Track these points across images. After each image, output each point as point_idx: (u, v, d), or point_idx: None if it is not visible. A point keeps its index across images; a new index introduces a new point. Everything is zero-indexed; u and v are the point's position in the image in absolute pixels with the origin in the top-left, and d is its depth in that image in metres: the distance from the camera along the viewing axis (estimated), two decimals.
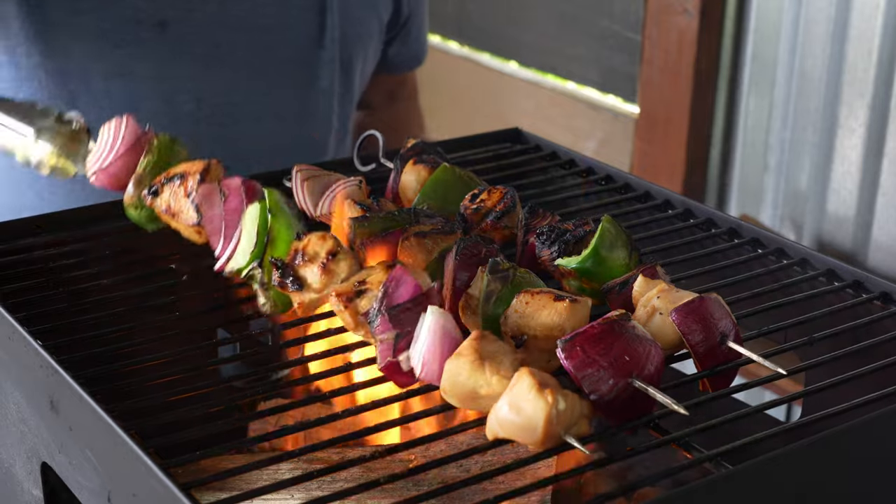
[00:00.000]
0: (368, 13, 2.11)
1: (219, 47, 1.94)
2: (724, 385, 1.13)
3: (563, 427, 0.99)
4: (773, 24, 2.52)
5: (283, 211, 1.31)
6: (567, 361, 1.02)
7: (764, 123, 2.58)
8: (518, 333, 1.11)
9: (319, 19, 2.01)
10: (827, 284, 1.34)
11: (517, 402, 0.98)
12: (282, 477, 1.22)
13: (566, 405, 0.98)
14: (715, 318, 1.11)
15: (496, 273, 1.16)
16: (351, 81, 2.10)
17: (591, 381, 1.02)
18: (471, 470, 1.23)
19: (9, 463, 1.32)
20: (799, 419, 1.10)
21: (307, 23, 2.00)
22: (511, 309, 1.13)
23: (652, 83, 2.75)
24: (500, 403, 1.00)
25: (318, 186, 1.49)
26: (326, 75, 2.04)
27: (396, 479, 1.00)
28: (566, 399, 0.99)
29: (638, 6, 2.76)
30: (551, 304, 1.11)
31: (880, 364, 1.15)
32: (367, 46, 2.12)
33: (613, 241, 1.24)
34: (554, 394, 0.98)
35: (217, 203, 1.34)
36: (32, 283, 1.36)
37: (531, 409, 0.98)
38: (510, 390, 1.00)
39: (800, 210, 2.53)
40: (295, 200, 1.52)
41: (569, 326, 1.09)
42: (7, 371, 1.27)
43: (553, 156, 1.71)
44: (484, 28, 3.31)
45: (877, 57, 2.30)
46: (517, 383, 0.99)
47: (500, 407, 1.00)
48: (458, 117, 3.38)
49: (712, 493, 0.99)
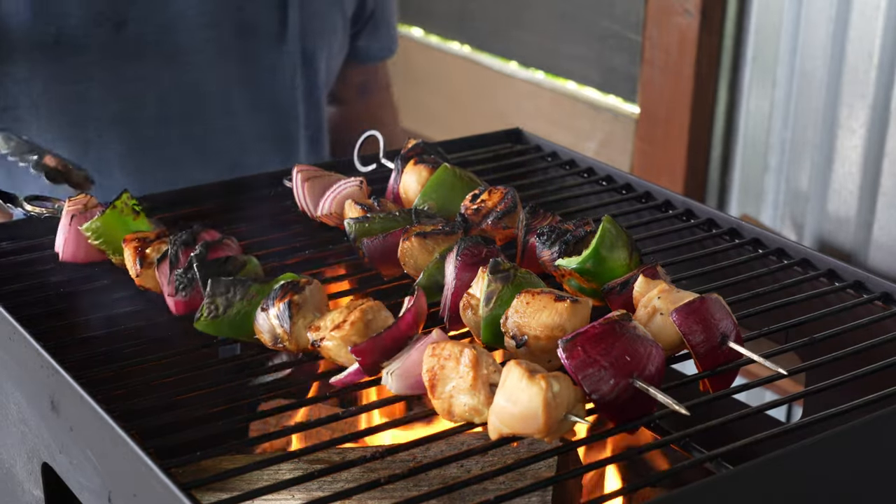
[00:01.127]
0: (331, 8, 2.10)
1: (179, 46, 1.93)
2: (725, 385, 1.13)
3: (562, 408, 0.99)
4: (774, 24, 2.52)
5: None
6: (568, 361, 1.02)
7: (765, 124, 2.58)
8: (518, 334, 1.11)
9: (280, 15, 2.01)
10: (828, 285, 1.33)
11: (512, 395, 0.99)
12: (282, 477, 1.22)
13: (560, 386, 0.98)
14: (716, 319, 1.10)
15: (497, 273, 1.16)
16: (315, 76, 2.10)
17: (592, 381, 1.02)
18: (471, 470, 1.23)
19: (9, 463, 1.32)
20: (800, 420, 1.10)
21: (268, 18, 2.00)
22: (512, 309, 1.13)
23: (652, 83, 2.75)
24: (496, 400, 1.00)
25: (318, 187, 1.49)
26: (289, 70, 2.04)
27: (397, 480, 1.00)
28: (559, 381, 0.99)
29: (638, 6, 2.76)
30: (552, 304, 1.11)
31: (881, 364, 1.15)
32: (330, 41, 2.12)
33: (614, 242, 1.24)
34: (546, 378, 0.98)
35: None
36: (33, 284, 1.36)
37: (527, 397, 0.98)
38: (502, 385, 1.00)
39: (800, 210, 2.53)
40: (295, 200, 1.52)
41: (569, 327, 1.09)
42: (8, 371, 1.27)
43: (554, 156, 1.71)
44: (484, 28, 3.30)
45: (878, 57, 2.30)
46: (507, 377, 1.00)
47: (497, 404, 1.00)
48: (458, 118, 3.38)
49: (713, 493, 0.99)
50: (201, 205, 1.57)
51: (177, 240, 1.29)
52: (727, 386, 1.13)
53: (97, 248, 1.35)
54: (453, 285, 1.21)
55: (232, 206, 1.57)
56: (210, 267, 1.24)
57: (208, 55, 1.97)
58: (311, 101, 2.12)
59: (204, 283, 1.22)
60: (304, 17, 2.04)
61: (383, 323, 1.14)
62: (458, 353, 1.04)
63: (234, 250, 1.30)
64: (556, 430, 1.00)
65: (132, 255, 1.30)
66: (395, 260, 1.31)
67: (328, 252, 1.43)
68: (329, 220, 1.47)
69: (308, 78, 2.08)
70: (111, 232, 1.35)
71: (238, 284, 1.20)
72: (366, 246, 1.33)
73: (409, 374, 1.09)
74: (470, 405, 1.03)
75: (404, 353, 1.11)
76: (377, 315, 1.15)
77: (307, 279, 1.20)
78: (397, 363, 1.10)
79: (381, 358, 1.11)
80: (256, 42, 2.01)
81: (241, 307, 1.20)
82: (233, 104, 2.01)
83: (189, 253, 1.27)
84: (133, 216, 1.36)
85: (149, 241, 1.31)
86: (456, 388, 1.04)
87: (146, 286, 1.30)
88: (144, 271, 1.29)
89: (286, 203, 1.55)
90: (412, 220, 1.35)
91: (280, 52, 2.03)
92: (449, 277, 1.23)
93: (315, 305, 1.19)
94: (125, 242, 1.31)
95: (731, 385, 1.14)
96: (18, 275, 1.38)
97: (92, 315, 1.30)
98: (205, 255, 1.25)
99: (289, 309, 1.16)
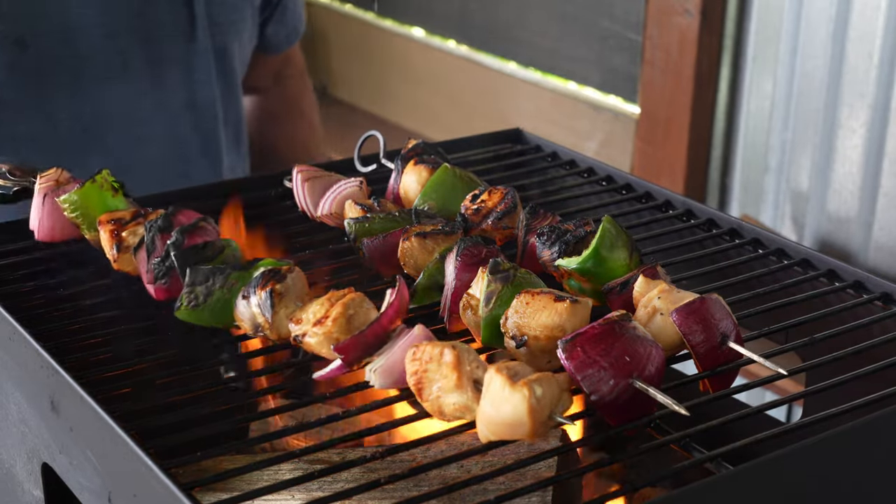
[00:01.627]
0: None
1: (83, 58, 1.91)
2: (725, 385, 1.13)
3: (547, 410, 0.99)
4: (774, 24, 2.52)
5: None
6: (568, 362, 1.02)
7: (765, 124, 2.58)
8: (518, 334, 1.11)
9: (187, 11, 2.00)
10: (828, 285, 1.33)
11: (496, 404, 0.98)
12: (283, 477, 1.22)
13: (543, 389, 0.98)
14: (716, 319, 1.10)
15: (497, 273, 1.16)
16: (230, 69, 2.09)
17: (592, 382, 1.02)
18: (471, 470, 1.23)
19: (9, 463, 1.32)
20: (800, 420, 1.10)
21: (176, 17, 1.99)
22: (511, 309, 1.12)
23: (653, 83, 2.75)
24: (482, 408, 1.00)
25: (318, 187, 1.49)
26: (203, 66, 2.03)
27: (397, 480, 1.00)
28: (541, 384, 0.98)
29: (639, 7, 2.76)
30: (552, 304, 1.10)
31: (881, 364, 1.15)
32: (241, 32, 2.11)
33: (614, 242, 1.24)
34: (528, 384, 0.97)
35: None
36: (33, 284, 1.36)
37: (511, 406, 0.97)
38: (486, 394, 1.00)
39: (801, 210, 2.53)
40: (295, 200, 1.52)
41: (569, 327, 1.09)
42: (8, 372, 1.27)
43: (554, 156, 1.71)
44: (484, 28, 3.30)
45: (878, 57, 2.30)
46: (489, 385, 0.99)
47: (484, 412, 1.00)
48: (458, 118, 3.38)
49: (713, 493, 0.99)
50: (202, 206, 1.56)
51: (152, 225, 1.25)
52: (727, 386, 1.13)
53: (72, 220, 1.33)
54: (453, 285, 1.21)
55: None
56: (187, 254, 1.21)
57: (114, 65, 1.94)
58: (229, 96, 2.11)
59: (182, 272, 1.19)
60: (211, 11, 2.02)
61: (365, 316, 1.13)
62: (438, 354, 1.04)
63: (211, 234, 1.26)
64: (545, 429, 1.00)
65: (108, 238, 1.27)
66: (395, 260, 1.31)
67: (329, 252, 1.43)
68: (329, 221, 1.47)
69: (222, 72, 2.07)
70: (88, 205, 1.32)
71: (218, 273, 1.18)
72: (366, 246, 1.33)
73: (392, 371, 1.09)
74: (459, 403, 1.03)
75: (387, 348, 1.10)
76: (359, 309, 1.14)
77: (288, 266, 1.19)
78: (380, 360, 1.10)
79: (363, 354, 1.10)
80: (164, 44, 1.99)
81: (221, 295, 1.18)
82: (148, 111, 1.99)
83: (166, 239, 1.24)
84: (112, 192, 1.33)
85: (124, 223, 1.28)
86: (442, 388, 1.04)
87: (124, 270, 1.28)
88: (122, 256, 1.26)
89: (286, 203, 1.56)
90: (412, 221, 1.35)
91: (192, 51, 2.01)
92: (449, 277, 1.23)
93: (297, 294, 1.17)
94: (100, 224, 1.28)
95: (731, 385, 1.14)
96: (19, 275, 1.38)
97: (93, 316, 1.30)
98: (181, 242, 1.22)
99: (270, 298, 1.15)
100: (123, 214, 1.29)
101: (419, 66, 3.48)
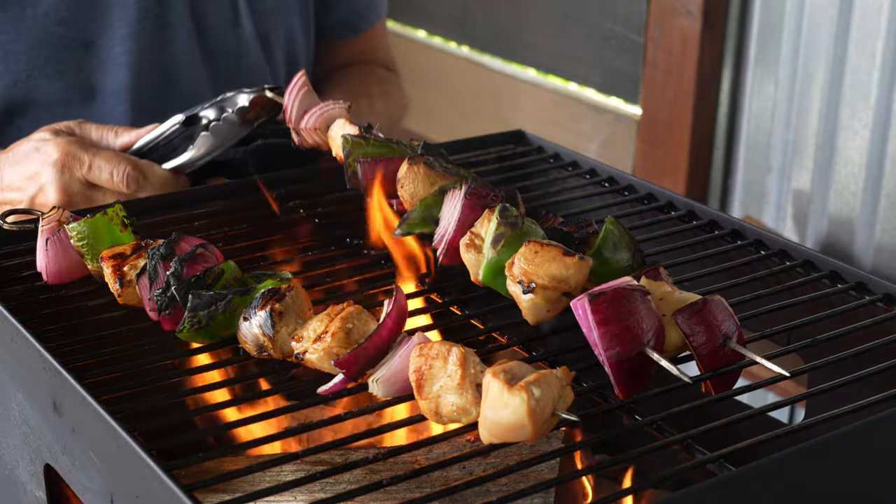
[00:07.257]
0: None
1: (143, 53, 1.94)
2: (727, 387, 1.13)
3: (549, 409, 0.99)
4: (776, 25, 2.52)
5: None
6: (593, 315, 1.04)
7: (767, 125, 2.58)
8: (526, 280, 1.13)
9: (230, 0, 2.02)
10: (830, 286, 1.33)
11: (496, 409, 0.98)
12: (285, 479, 1.22)
13: (542, 390, 0.98)
14: (718, 320, 1.10)
15: (506, 217, 1.18)
16: (271, 55, 2.10)
17: (612, 338, 1.04)
18: (474, 472, 1.23)
19: (12, 465, 1.32)
20: (802, 421, 1.10)
21: (220, 6, 2.01)
22: (519, 255, 1.15)
23: (655, 85, 2.75)
24: (483, 413, 1.00)
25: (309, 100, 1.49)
26: (252, 50, 2.05)
27: (400, 481, 1.00)
28: (539, 384, 0.98)
29: (641, 8, 2.76)
30: (561, 257, 1.13)
31: (884, 366, 1.15)
32: (286, 19, 2.11)
33: (617, 243, 1.24)
34: (526, 387, 0.97)
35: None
36: (34, 285, 1.36)
37: (511, 411, 0.98)
38: (485, 399, 1.00)
39: (803, 211, 2.53)
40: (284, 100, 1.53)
41: (573, 281, 1.12)
42: (10, 372, 1.27)
43: (556, 157, 1.71)
44: (486, 29, 3.31)
45: (880, 58, 2.30)
46: (488, 391, 0.99)
47: (485, 416, 1.00)
48: (460, 119, 3.38)
49: (715, 495, 0.99)
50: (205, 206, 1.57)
51: (154, 253, 1.26)
52: (729, 387, 1.13)
53: (77, 249, 1.33)
54: (456, 221, 1.22)
55: (234, 207, 1.57)
56: (188, 286, 1.22)
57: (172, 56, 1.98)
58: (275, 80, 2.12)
59: (184, 302, 1.20)
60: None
61: (364, 328, 1.14)
62: (445, 352, 1.04)
63: (210, 260, 1.26)
64: (548, 427, 1.00)
65: (111, 274, 1.28)
66: (390, 182, 1.30)
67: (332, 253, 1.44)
68: (308, 136, 1.44)
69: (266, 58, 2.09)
70: (96, 237, 1.33)
71: (219, 299, 1.19)
72: (362, 164, 1.31)
73: (394, 379, 1.10)
74: (458, 405, 1.03)
75: (388, 358, 1.11)
76: (357, 321, 1.14)
77: (287, 285, 1.19)
78: (382, 370, 1.10)
79: (365, 367, 1.10)
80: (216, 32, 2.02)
81: (223, 318, 1.20)
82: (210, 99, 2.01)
83: (168, 266, 1.24)
84: (121, 227, 1.34)
85: (125, 258, 1.28)
86: (444, 387, 1.04)
87: (130, 303, 1.29)
88: (125, 290, 1.28)
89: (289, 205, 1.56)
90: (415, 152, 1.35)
91: (239, 36, 2.03)
92: (448, 212, 1.23)
93: (297, 311, 1.18)
94: (103, 260, 1.29)
95: (733, 386, 1.14)
96: (21, 276, 1.38)
97: (94, 316, 1.30)
98: (181, 272, 1.23)
99: (271, 318, 1.16)
100: (124, 249, 1.29)
101: (421, 68, 3.48)
